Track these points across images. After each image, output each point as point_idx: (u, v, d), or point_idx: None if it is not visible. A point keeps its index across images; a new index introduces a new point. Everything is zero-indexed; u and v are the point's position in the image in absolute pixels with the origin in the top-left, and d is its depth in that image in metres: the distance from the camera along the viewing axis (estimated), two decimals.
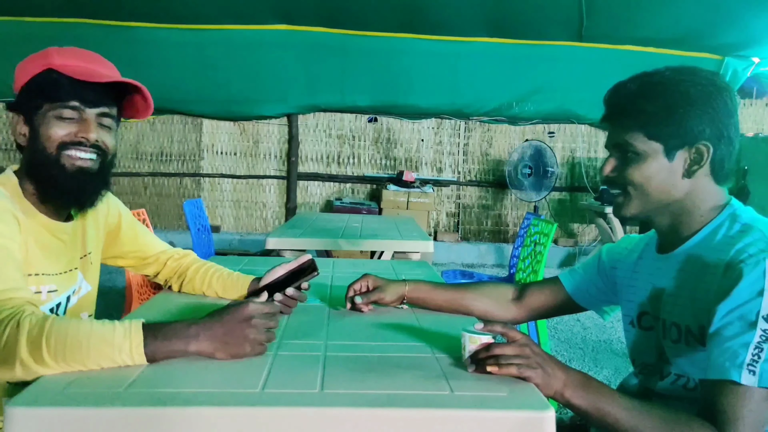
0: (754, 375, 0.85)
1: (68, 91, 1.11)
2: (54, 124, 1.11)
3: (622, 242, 1.27)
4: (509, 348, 0.93)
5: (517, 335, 0.95)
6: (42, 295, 1.14)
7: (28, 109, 1.12)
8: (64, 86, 1.10)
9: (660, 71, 1.03)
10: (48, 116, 1.11)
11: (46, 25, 5.56)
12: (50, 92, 1.10)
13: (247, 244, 6.17)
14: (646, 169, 1.02)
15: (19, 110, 1.14)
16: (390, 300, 1.33)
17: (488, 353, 0.93)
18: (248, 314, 0.97)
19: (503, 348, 0.93)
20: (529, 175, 5.98)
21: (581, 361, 3.25)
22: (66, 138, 1.12)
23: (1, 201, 1.05)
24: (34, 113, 1.12)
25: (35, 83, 1.11)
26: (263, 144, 6.44)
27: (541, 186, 5.96)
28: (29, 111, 1.12)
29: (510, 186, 6.09)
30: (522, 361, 0.91)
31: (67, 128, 1.12)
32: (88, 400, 0.79)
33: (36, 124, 1.12)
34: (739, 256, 0.92)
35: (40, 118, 1.12)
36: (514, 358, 0.92)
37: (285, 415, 0.80)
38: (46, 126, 1.11)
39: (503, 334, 0.95)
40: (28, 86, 1.12)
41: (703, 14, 5.07)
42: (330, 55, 5.89)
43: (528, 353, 0.92)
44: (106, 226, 1.36)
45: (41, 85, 1.11)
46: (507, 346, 0.93)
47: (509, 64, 5.97)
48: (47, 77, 1.10)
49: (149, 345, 0.92)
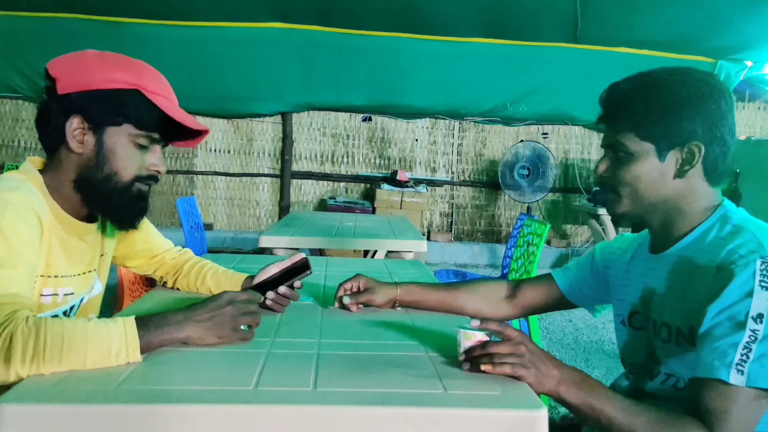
0: (742, 375, 0.86)
1: (156, 124, 1.11)
2: (131, 153, 1.11)
3: (616, 241, 1.28)
4: (504, 346, 0.93)
5: (512, 333, 0.95)
6: (58, 298, 1.12)
7: (98, 119, 1.07)
8: (154, 117, 1.10)
9: (654, 72, 1.04)
10: (124, 138, 1.09)
11: (41, 20, 5.53)
12: (138, 117, 1.09)
13: (240, 243, 6.16)
14: (637, 169, 1.03)
15: (82, 114, 1.07)
16: (380, 303, 1.33)
17: (483, 351, 0.93)
18: (227, 299, 1.04)
19: (498, 346, 0.93)
20: (527, 176, 5.98)
21: (573, 362, 3.26)
22: (142, 171, 1.13)
23: (27, 199, 1.01)
24: (105, 126, 1.08)
25: (120, 99, 1.07)
26: (257, 142, 6.43)
27: (538, 188, 5.98)
28: (100, 122, 1.07)
29: (503, 187, 6.09)
30: (516, 360, 0.91)
31: (141, 158, 1.13)
32: (80, 397, 0.79)
33: (107, 139, 1.08)
34: (730, 258, 0.92)
35: (113, 137, 1.09)
36: (509, 356, 0.92)
37: (278, 413, 0.80)
38: (122, 149, 1.09)
39: (498, 332, 0.95)
40: (108, 97, 1.06)
41: (697, 18, 5.10)
42: (325, 54, 5.88)
43: (522, 351, 0.92)
44: None
45: (130, 105, 1.08)
46: (502, 344, 0.93)
47: (504, 65, 5.98)
48: (138, 98, 1.08)
49: (143, 337, 0.93)
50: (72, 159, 1.10)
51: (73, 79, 1.06)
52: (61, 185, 1.10)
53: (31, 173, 1.10)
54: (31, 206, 1.01)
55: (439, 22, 5.54)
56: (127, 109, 1.07)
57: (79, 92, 1.06)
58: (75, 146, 1.08)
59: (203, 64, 5.83)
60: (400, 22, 5.60)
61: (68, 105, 1.06)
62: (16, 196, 0.99)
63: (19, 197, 0.99)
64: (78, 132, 1.07)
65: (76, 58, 1.08)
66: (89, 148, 1.09)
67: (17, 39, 5.53)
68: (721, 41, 5.49)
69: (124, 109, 1.07)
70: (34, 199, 1.03)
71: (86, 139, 1.08)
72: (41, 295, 1.09)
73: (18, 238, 0.96)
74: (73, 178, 1.10)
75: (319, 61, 5.91)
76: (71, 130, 1.07)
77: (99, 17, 5.57)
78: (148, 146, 1.13)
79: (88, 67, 1.07)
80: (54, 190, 1.10)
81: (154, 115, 1.10)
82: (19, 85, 5.70)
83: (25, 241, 0.97)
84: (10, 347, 0.84)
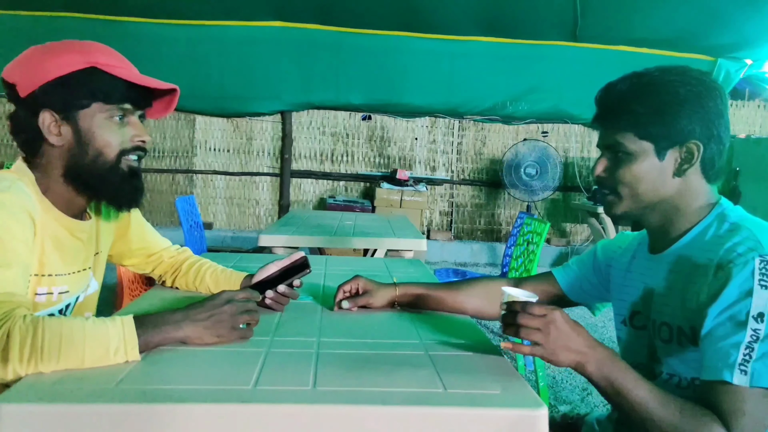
0: (745, 375, 0.86)
1: (122, 92, 1.09)
2: (109, 128, 1.09)
3: (617, 240, 1.28)
4: (535, 320, 0.92)
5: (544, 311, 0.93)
6: (53, 296, 1.12)
7: (66, 107, 1.06)
8: (118, 87, 1.08)
9: (650, 71, 1.04)
10: (98, 117, 1.08)
11: (39, 19, 5.52)
12: (103, 93, 1.07)
13: (240, 242, 6.15)
14: (637, 169, 1.03)
15: (50, 107, 1.06)
16: (379, 305, 1.33)
17: (514, 319, 0.93)
18: (225, 298, 1.05)
19: (529, 319, 0.92)
20: (534, 175, 5.97)
21: None
22: (125, 144, 1.11)
23: (19, 198, 1.00)
24: (76, 111, 1.07)
25: (79, 80, 1.05)
26: (256, 141, 6.42)
27: (544, 187, 5.98)
28: (68, 109, 1.07)
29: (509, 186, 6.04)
30: (539, 337, 0.91)
31: (122, 132, 1.11)
32: (79, 397, 0.79)
33: (82, 123, 1.08)
34: (728, 256, 0.92)
35: (87, 120, 1.08)
36: (534, 332, 0.91)
37: (277, 412, 0.80)
38: (100, 128, 1.08)
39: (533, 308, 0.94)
40: (66, 82, 1.05)
41: (697, 16, 5.09)
42: (324, 53, 5.87)
43: (549, 329, 0.91)
44: (117, 222, 1.34)
45: (89, 84, 1.06)
46: (533, 318, 0.92)
47: (504, 64, 5.98)
48: (96, 75, 1.06)
49: (141, 336, 0.93)
50: (55, 153, 1.09)
51: (29, 77, 1.06)
52: (52, 182, 1.11)
53: (24, 172, 1.09)
54: (24, 206, 1.00)
55: (438, 21, 5.53)
56: (89, 88, 1.06)
57: (39, 88, 1.05)
58: (54, 140, 1.08)
59: (202, 63, 5.82)
60: (400, 20, 5.59)
61: (34, 104, 1.06)
62: (8, 196, 0.99)
63: (11, 197, 0.99)
64: (52, 125, 1.07)
65: (24, 57, 1.08)
66: (68, 138, 1.08)
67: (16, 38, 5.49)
68: (721, 39, 5.48)
69: (87, 90, 1.06)
70: (27, 199, 1.02)
71: (62, 130, 1.08)
72: (36, 294, 1.08)
73: (11, 237, 0.96)
74: (62, 172, 1.10)
75: (319, 60, 5.91)
76: (45, 126, 1.07)
77: (97, 16, 5.55)
78: (124, 118, 1.12)
79: (38, 60, 1.06)
80: (45, 188, 1.10)
81: (119, 86, 1.08)
82: None
83: (19, 240, 0.97)
84: (8, 345, 0.84)
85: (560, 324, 0.92)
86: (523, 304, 0.94)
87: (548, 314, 0.92)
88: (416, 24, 5.65)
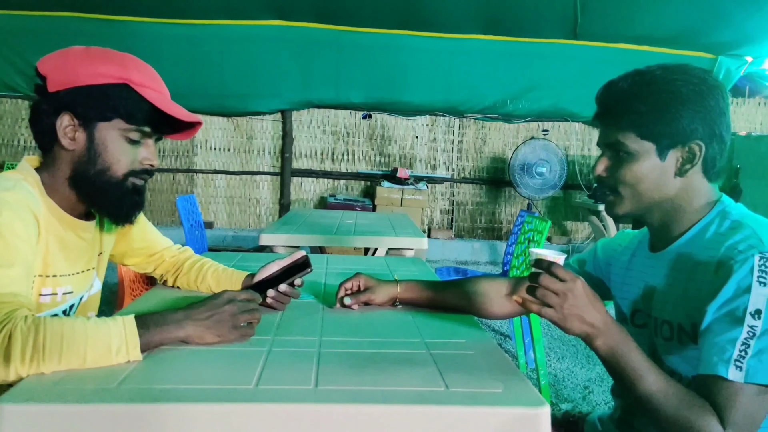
0: (741, 371, 0.86)
1: (147, 118, 1.10)
2: (123, 147, 1.10)
3: (617, 238, 1.28)
4: (556, 284, 0.91)
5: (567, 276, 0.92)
6: (57, 297, 1.12)
7: (88, 115, 1.06)
8: (143, 110, 1.08)
9: (651, 70, 1.03)
10: (115, 133, 1.09)
11: (40, 19, 5.52)
12: (128, 111, 1.08)
13: (241, 241, 6.16)
14: (638, 169, 1.02)
15: (72, 111, 1.06)
16: (381, 301, 1.33)
17: (536, 280, 0.93)
18: (226, 298, 1.05)
19: (551, 282, 0.92)
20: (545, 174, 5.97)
21: (574, 358, 3.26)
22: (134, 165, 1.12)
23: (24, 198, 1.01)
24: (96, 122, 1.07)
25: (109, 94, 1.06)
26: (257, 140, 6.42)
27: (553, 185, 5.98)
28: (89, 118, 1.07)
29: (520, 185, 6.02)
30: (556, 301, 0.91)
31: (134, 152, 1.11)
32: (80, 397, 0.79)
33: (98, 135, 1.08)
34: (730, 253, 0.92)
35: (105, 131, 1.08)
36: (552, 295, 0.91)
37: (279, 411, 0.80)
38: (113, 144, 1.09)
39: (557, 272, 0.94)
40: (96, 92, 1.05)
41: (697, 13, 5.09)
42: (324, 51, 5.87)
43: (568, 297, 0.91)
44: None
45: (119, 99, 1.06)
46: (555, 281, 0.92)
47: (504, 62, 5.97)
48: (126, 93, 1.07)
49: (142, 335, 0.93)
50: (65, 156, 1.09)
51: (61, 76, 1.06)
52: (58, 183, 1.10)
53: (28, 172, 1.09)
54: (28, 205, 1.00)
55: (438, 19, 5.53)
56: (115, 103, 1.06)
57: (67, 89, 1.05)
58: (67, 143, 1.07)
59: (202, 62, 5.82)
60: (399, 18, 5.58)
61: (58, 103, 1.06)
62: (13, 196, 0.99)
63: (15, 197, 0.99)
64: (69, 129, 1.07)
65: (62, 54, 1.08)
66: (81, 145, 1.08)
67: (17, 38, 5.52)
68: (721, 36, 5.48)
69: (112, 104, 1.06)
70: (31, 199, 1.02)
71: (77, 135, 1.08)
72: (40, 294, 1.08)
73: (15, 237, 0.95)
74: (68, 175, 1.10)
75: (318, 59, 5.90)
76: (62, 128, 1.06)
77: (98, 15, 5.56)
78: (141, 140, 1.12)
79: (75, 63, 1.06)
80: (51, 188, 1.10)
81: (144, 109, 1.09)
82: (18, 84, 5.70)
83: (23, 240, 0.97)
84: (9, 346, 0.84)
85: (579, 293, 0.92)
86: (549, 264, 0.93)
87: (570, 281, 0.92)
88: (416, 22, 5.65)
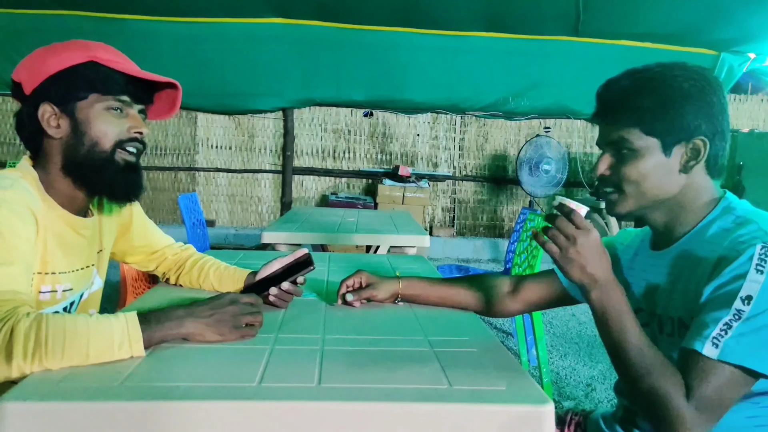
0: (716, 348, 0.86)
1: (120, 85, 1.10)
2: (106, 119, 1.10)
3: (619, 237, 1.27)
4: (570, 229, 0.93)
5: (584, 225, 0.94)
6: (57, 294, 1.12)
7: (65, 99, 1.08)
8: (116, 79, 1.09)
9: (650, 67, 1.03)
10: (96, 108, 1.09)
11: (39, 17, 5.52)
12: (101, 84, 1.08)
13: (242, 239, 6.16)
14: (643, 166, 1.01)
15: (50, 100, 1.08)
16: (382, 297, 1.33)
17: (554, 222, 0.95)
18: (229, 299, 1.06)
19: (566, 226, 0.93)
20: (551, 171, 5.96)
21: (576, 356, 3.26)
22: (122, 135, 1.12)
23: (22, 196, 1.01)
24: (74, 104, 1.08)
25: (78, 73, 1.07)
26: (258, 138, 6.42)
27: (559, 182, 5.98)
28: (67, 101, 1.08)
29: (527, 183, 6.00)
30: (563, 244, 0.93)
31: (119, 123, 1.11)
32: (84, 395, 0.79)
33: (79, 115, 1.09)
34: (732, 245, 0.92)
35: (85, 111, 1.09)
36: (564, 239, 0.93)
37: (282, 409, 0.80)
38: (97, 120, 1.09)
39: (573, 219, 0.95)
40: (66, 76, 1.07)
41: (700, 10, 5.07)
42: (326, 49, 5.86)
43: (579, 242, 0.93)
44: (120, 219, 1.35)
45: (88, 76, 1.08)
46: (569, 226, 0.93)
47: (505, 59, 5.96)
48: (95, 68, 1.08)
49: (144, 331, 0.93)
50: (55, 146, 1.11)
51: (33, 74, 1.08)
52: (53, 178, 1.11)
53: (27, 170, 1.10)
54: (26, 203, 1.01)
55: (439, 16, 5.52)
56: (87, 79, 1.08)
57: (41, 83, 1.08)
58: (53, 132, 1.09)
59: (203, 61, 5.82)
60: (400, 16, 5.57)
61: (36, 99, 1.08)
62: (11, 194, 0.99)
63: (13, 195, 1.00)
64: (51, 117, 1.09)
65: (29, 57, 1.11)
66: (66, 130, 1.10)
67: (17, 36, 5.51)
68: (724, 33, 5.46)
69: (84, 81, 1.08)
70: (29, 196, 1.03)
71: (61, 122, 1.09)
72: (40, 292, 1.09)
73: (14, 235, 0.96)
74: (61, 165, 1.11)
75: (320, 57, 5.90)
76: (45, 119, 1.08)
77: (98, 14, 5.56)
78: (122, 110, 1.13)
79: (42, 58, 1.09)
80: (48, 185, 1.11)
81: (117, 79, 1.10)
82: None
83: (22, 238, 0.98)
84: (11, 342, 0.84)
85: (588, 243, 0.93)
86: (570, 211, 0.95)
87: (583, 230, 0.94)
88: (417, 20, 5.64)
